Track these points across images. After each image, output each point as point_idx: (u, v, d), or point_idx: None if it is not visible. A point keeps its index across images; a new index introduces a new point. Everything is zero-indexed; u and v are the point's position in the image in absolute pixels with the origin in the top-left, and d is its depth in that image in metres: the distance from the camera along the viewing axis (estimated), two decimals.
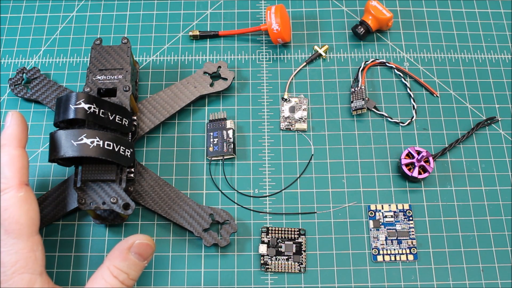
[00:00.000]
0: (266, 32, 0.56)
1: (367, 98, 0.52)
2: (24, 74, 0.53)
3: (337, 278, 0.46)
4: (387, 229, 0.47)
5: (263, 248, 0.46)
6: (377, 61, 0.54)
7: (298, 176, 0.50)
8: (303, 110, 0.52)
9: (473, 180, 0.49)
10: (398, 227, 0.47)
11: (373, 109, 0.52)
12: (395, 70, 0.54)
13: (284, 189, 0.49)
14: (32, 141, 0.51)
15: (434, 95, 0.53)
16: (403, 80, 0.54)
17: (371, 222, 0.47)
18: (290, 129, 0.52)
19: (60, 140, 0.41)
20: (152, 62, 0.55)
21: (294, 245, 0.46)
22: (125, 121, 0.45)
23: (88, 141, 0.41)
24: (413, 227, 0.47)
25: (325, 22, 0.57)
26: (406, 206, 0.48)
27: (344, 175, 0.50)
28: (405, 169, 0.48)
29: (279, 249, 0.46)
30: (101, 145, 0.42)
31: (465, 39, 0.56)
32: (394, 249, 0.46)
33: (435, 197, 0.49)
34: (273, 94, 0.53)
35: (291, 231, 0.47)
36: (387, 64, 0.54)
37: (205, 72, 0.53)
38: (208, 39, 0.56)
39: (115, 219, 0.46)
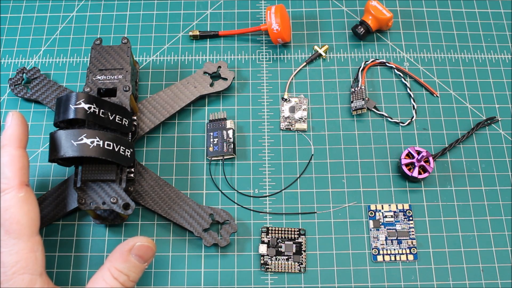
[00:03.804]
0: (266, 32, 0.56)
1: (367, 98, 0.52)
2: (24, 74, 0.53)
3: (337, 278, 0.46)
4: (387, 229, 0.47)
5: (263, 248, 0.46)
6: (377, 61, 0.55)
7: (298, 176, 0.50)
8: (303, 110, 0.52)
9: (473, 180, 0.49)
10: (398, 227, 0.47)
11: (373, 109, 0.52)
12: (395, 70, 0.54)
13: (284, 189, 0.49)
14: (32, 141, 0.51)
15: (434, 95, 0.53)
16: (403, 80, 0.54)
17: (371, 222, 0.47)
18: (290, 129, 0.52)
19: (60, 140, 0.41)
20: (152, 62, 0.55)
21: (294, 245, 0.46)
22: (125, 121, 0.45)
23: (88, 141, 0.41)
24: (413, 227, 0.47)
25: (325, 22, 0.57)
26: (406, 206, 0.48)
27: (344, 175, 0.50)
28: (405, 169, 0.48)
29: (279, 249, 0.46)
30: (101, 145, 0.42)
31: (465, 39, 0.56)
32: (394, 249, 0.46)
33: (435, 197, 0.49)
34: (273, 94, 0.53)
35: (291, 231, 0.47)
36: (387, 64, 0.54)
37: (205, 72, 0.53)
38: (208, 39, 0.56)
39: (115, 219, 0.46)
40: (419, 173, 0.48)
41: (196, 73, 0.53)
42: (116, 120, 0.44)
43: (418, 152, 0.49)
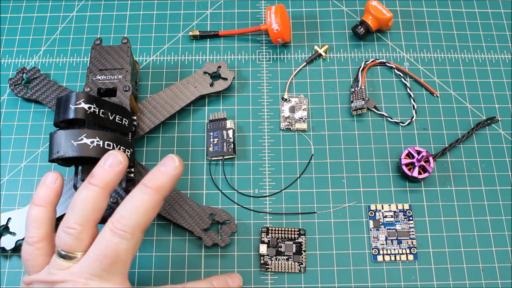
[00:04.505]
0: (266, 32, 0.56)
1: (367, 98, 0.52)
2: (24, 74, 0.53)
3: (337, 278, 0.46)
4: (387, 229, 0.47)
5: (263, 248, 0.46)
6: (377, 61, 0.55)
7: (298, 176, 0.50)
8: (303, 110, 0.52)
9: (473, 180, 0.49)
10: (398, 227, 0.47)
11: (373, 109, 0.52)
12: (395, 70, 0.54)
13: (284, 189, 0.49)
14: (32, 141, 0.51)
15: (434, 95, 0.53)
16: (403, 80, 0.54)
17: (371, 222, 0.47)
18: (290, 129, 0.52)
19: (60, 140, 0.41)
20: (152, 62, 0.55)
21: (294, 245, 0.46)
22: (125, 121, 0.45)
23: (88, 141, 0.41)
24: (413, 227, 0.47)
25: (325, 22, 0.57)
26: (406, 206, 0.48)
27: (344, 175, 0.50)
28: (405, 169, 0.48)
29: (279, 249, 0.46)
30: (101, 145, 0.42)
31: (465, 39, 0.56)
32: (394, 249, 0.46)
33: (435, 197, 0.49)
34: (273, 94, 0.53)
35: (291, 231, 0.47)
36: (387, 64, 0.54)
37: (205, 72, 0.53)
38: (208, 39, 0.56)
39: None
40: (419, 173, 0.48)
41: (196, 73, 0.53)
42: (116, 120, 0.44)
43: (418, 152, 0.49)
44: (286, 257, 0.46)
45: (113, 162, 0.37)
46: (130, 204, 0.36)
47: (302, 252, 0.46)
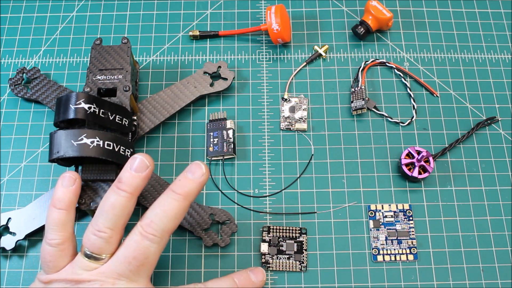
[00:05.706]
0: (266, 32, 0.56)
1: (367, 98, 0.52)
2: (24, 74, 0.53)
3: (337, 277, 0.46)
4: (387, 229, 0.47)
5: (264, 247, 0.46)
6: (377, 61, 0.55)
7: (298, 176, 0.50)
8: (303, 110, 0.52)
9: (473, 180, 0.49)
10: (398, 227, 0.47)
11: (373, 109, 0.52)
12: (395, 70, 0.54)
13: (284, 189, 0.49)
14: (32, 141, 0.51)
15: (434, 95, 0.53)
16: (403, 80, 0.54)
17: (371, 222, 0.47)
18: (290, 129, 0.52)
19: (60, 140, 0.41)
20: (152, 62, 0.55)
21: (295, 244, 0.46)
22: (125, 121, 0.45)
23: (88, 141, 0.41)
24: (413, 227, 0.47)
25: (325, 22, 0.57)
26: (406, 206, 0.48)
27: (344, 175, 0.50)
28: (405, 169, 0.48)
29: (280, 248, 0.46)
30: (101, 145, 0.42)
31: (465, 39, 0.56)
32: (394, 249, 0.46)
33: (435, 197, 0.49)
34: (273, 94, 0.53)
35: (292, 230, 0.47)
36: (387, 64, 0.55)
37: (205, 72, 0.53)
38: (208, 39, 0.56)
39: None
40: (419, 173, 0.48)
41: (196, 73, 0.53)
42: (116, 120, 0.44)
43: (418, 152, 0.49)
44: (287, 256, 0.46)
45: (141, 166, 0.38)
46: (160, 209, 0.38)
47: (303, 251, 0.46)
